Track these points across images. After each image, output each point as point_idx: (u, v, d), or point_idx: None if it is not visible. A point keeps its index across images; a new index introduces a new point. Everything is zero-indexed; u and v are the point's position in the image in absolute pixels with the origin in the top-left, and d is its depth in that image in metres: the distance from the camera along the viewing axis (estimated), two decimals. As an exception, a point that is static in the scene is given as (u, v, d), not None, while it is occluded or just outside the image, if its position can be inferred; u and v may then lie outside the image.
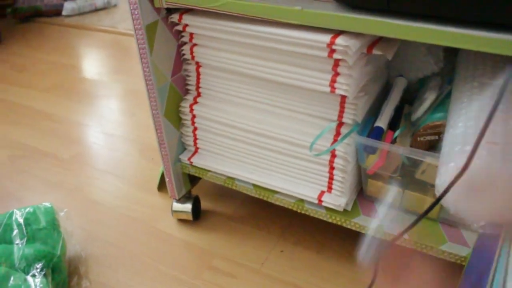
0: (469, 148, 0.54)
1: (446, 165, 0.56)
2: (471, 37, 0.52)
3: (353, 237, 0.92)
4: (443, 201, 0.57)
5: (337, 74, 0.66)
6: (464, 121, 0.58)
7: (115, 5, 2.41)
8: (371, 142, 0.72)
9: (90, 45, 2.05)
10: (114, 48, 2.01)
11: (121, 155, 1.26)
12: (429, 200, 0.75)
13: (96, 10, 2.36)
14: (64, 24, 2.24)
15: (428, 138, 0.72)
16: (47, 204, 0.93)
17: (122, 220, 1.03)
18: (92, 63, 1.89)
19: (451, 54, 0.78)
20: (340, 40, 0.61)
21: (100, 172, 1.20)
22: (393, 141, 0.75)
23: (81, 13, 2.32)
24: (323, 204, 0.78)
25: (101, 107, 1.52)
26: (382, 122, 0.75)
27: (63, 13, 2.29)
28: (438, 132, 0.71)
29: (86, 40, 2.10)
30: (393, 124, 0.78)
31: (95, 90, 1.64)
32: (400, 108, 0.81)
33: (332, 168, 0.75)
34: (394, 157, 0.73)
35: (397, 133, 0.75)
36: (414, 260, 0.71)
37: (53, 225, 0.90)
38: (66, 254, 0.91)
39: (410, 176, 0.74)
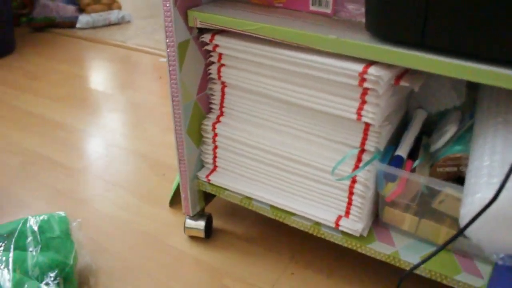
0: (496, 180, 0.56)
1: (472, 196, 0.57)
2: (503, 75, 0.54)
3: (363, 263, 0.93)
4: (466, 231, 0.59)
5: (364, 102, 0.68)
6: (489, 154, 0.60)
7: (128, 21, 2.45)
8: (392, 170, 0.74)
9: (101, 58, 2.07)
10: (125, 62, 2.03)
11: (132, 169, 1.27)
12: (445, 230, 0.76)
13: (110, 24, 2.40)
14: (77, 36, 2.27)
15: (448, 169, 0.74)
16: (61, 213, 0.93)
17: (132, 234, 1.03)
18: (103, 76, 1.91)
19: (472, 90, 0.80)
20: (372, 70, 0.63)
21: (110, 184, 1.20)
22: (412, 171, 0.77)
23: (94, 27, 2.35)
24: (340, 228, 0.79)
25: (112, 120, 1.53)
26: (402, 151, 0.77)
27: (77, 25, 2.32)
28: (458, 164, 0.73)
29: (97, 53, 2.12)
30: (412, 154, 0.80)
31: (106, 102, 1.65)
32: (418, 138, 0.83)
33: (351, 193, 0.77)
34: (413, 185, 0.75)
35: (416, 163, 0.77)
36: None
37: (67, 234, 0.90)
38: (77, 264, 0.91)
39: (427, 206, 0.76)
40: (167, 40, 0.77)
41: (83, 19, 2.31)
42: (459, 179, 0.75)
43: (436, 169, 0.76)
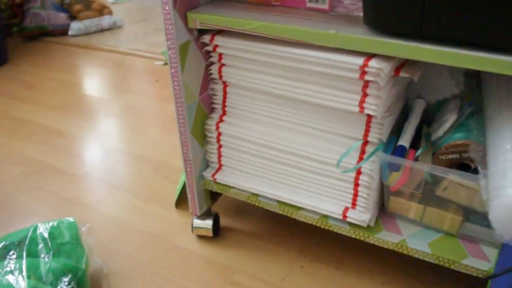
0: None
1: (503, 190, 0.58)
2: (501, 62, 0.56)
3: (371, 254, 0.95)
4: (498, 228, 0.59)
5: (366, 95, 0.70)
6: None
7: (120, 26, 2.45)
8: (395, 159, 0.75)
9: (95, 64, 2.07)
10: (119, 67, 2.04)
11: (134, 171, 1.28)
12: (450, 217, 0.78)
13: (102, 30, 2.40)
14: (70, 44, 2.27)
15: (450, 156, 0.76)
16: (70, 219, 0.94)
17: (140, 236, 1.04)
18: (98, 82, 1.91)
19: (470, 78, 0.82)
20: (373, 63, 0.65)
21: (115, 188, 1.21)
22: (415, 160, 0.78)
23: (87, 33, 2.35)
24: (348, 219, 0.81)
25: (110, 125, 1.54)
26: (404, 141, 0.78)
27: (70, 33, 2.32)
28: (460, 151, 0.75)
29: (91, 60, 2.13)
30: (414, 144, 0.81)
31: (103, 108, 1.66)
32: (419, 129, 0.85)
33: (357, 185, 0.78)
34: (416, 174, 0.76)
35: (419, 152, 0.78)
36: None
37: (77, 239, 0.91)
38: (89, 269, 0.92)
39: (432, 194, 0.77)
40: (168, 43, 0.78)
41: (75, 26, 2.32)
42: (461, 166, 0.77)
43: (439, 157, 0.77)
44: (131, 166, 1.31)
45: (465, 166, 0.77)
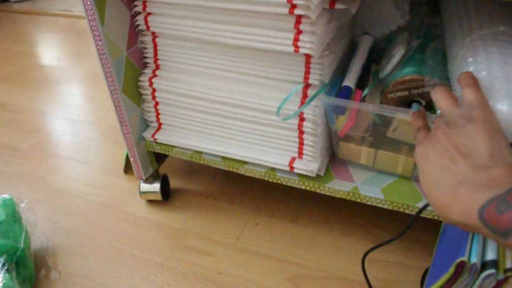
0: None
1: None
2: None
3: (327, 203, 0.91)
4: None
5: (299, 32, 0.63)
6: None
7: (67, -12, 2.30)
8: (340, 102, 0.69)
9: (44, 31, 1.95)
10: (69, 32, 1.92)
11: (84, 140, 1.21)
12: (403, 159, 0.73)
13: (48, -7, 2.25)
14: (13, 11, 2.13)
15: (399, 94, 0.70)
16: (6, 196, 0.88)
17: (89, 207, 0.98)
18: (48, 49, 1.80)
19: (417, 7, 0.75)
20: (300, -6, 0.58)
21: (63, 159, 1.14)
22: (362, 100, 0.73)
23: (31, -2, 2.21)
24: (295, 170, 0.76)
25: (60, 93, 1.45)
26: (349, 81, 0.72)
27: (11, -2, 2.18)
28: (409, 87, 0.69)
29: (39, 26, 2.00)
30: (361, 83, 0.75)
31: (53, 76, 1.56)
32: (367, 67, 0.79)
33: (301, 132, 0.73)
34: (364, 116, 0.71)
35: (365, 91, 0.73)
36: None
37: (14, 217, 0.85)
38: (31, 246, 0.87)
39: (382, 136, 0.72)
40: (81, -7, 0.70)
41: (18, -9, 2.17)
42: (412, 103, 0.71)
43: (387, 96, 0.72)
44: (80, 134, 1.23)
45: (416, 103, 0.72)
